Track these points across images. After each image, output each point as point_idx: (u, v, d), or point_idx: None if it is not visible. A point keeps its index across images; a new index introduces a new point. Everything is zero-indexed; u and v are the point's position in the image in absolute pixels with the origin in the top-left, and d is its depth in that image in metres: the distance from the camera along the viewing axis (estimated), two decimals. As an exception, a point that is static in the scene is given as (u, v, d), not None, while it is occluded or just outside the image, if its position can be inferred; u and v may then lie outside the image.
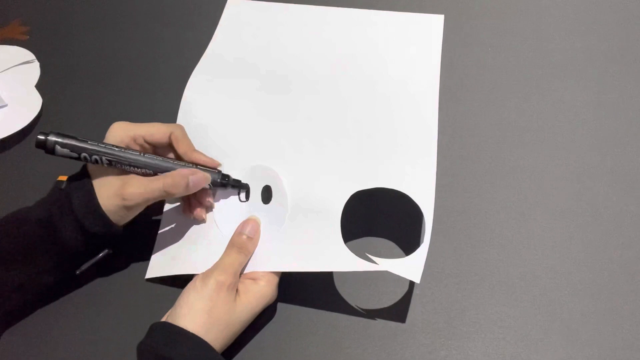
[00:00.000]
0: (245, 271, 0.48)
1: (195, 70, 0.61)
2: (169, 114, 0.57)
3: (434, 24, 0.63)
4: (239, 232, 0.48)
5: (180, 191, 0.47)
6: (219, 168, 0.51)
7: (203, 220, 0.51)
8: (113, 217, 0.47)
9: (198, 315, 0.43)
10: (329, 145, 0.53)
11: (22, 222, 0.46)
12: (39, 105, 0.63)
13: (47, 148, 0.46)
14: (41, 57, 0.67)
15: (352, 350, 0.47)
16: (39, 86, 0.65)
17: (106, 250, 0.50)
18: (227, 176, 0.51)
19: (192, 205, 0.51)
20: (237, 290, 0.46)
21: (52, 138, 0.46)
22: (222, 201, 0.52)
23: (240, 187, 0.51)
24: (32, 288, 0.47)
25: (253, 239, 0.48)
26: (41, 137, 0.45)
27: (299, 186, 0.51)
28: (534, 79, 0.61)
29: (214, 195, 0.52)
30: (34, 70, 0.66)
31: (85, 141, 0.47)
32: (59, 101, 0.65)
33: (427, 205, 0.48)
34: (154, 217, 0.54)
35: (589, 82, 0.60)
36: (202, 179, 0.48)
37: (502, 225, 0.52)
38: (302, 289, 0.50)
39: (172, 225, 0.53)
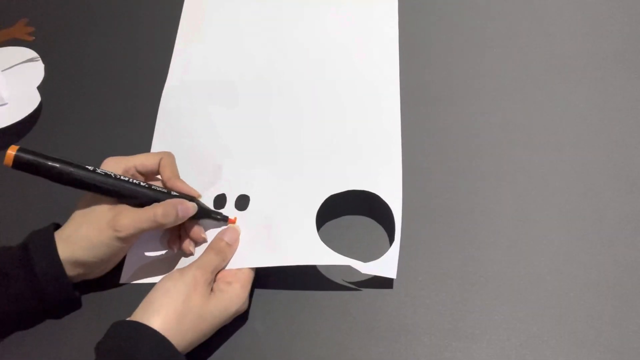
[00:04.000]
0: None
1: (168, 78, 0.63)
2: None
3: (387, 4, 0.63)
4: (219, 238, 0.49)
5: (171, 220, 0.47)
6: (201, 199, 0.52)
7: (191, 254, 0.50)
8: (106, 251, 0.47)
9: (173, 301, 0.43)
10: (298, 152, 0.55)
11: None
12: (35, 105, 0.62)
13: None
14: (46, 57, 0.67)
15: (355, 351, 0.47)
16: (43, 87, 0.65)
17: None
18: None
19: (182, 238, 0.51)
20: (212, 289, 0.46)
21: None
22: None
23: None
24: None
25: (232, 246, 0.49)
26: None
27: (273, 194, 0.52)
28: (539, 81, 0.61)
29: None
30: (38, 71, 0.66)
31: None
32: (62, 102, 0.65)
33: (395, 203, 0.50)
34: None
35: (594, 83, 0.60)
36: (190, 208, 0.49)
37: (506, 226, 0.52)
38: (303, 290, 0.50)
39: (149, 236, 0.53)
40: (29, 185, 0.58)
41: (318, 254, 0.48)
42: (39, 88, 0.64)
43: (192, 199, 0.50)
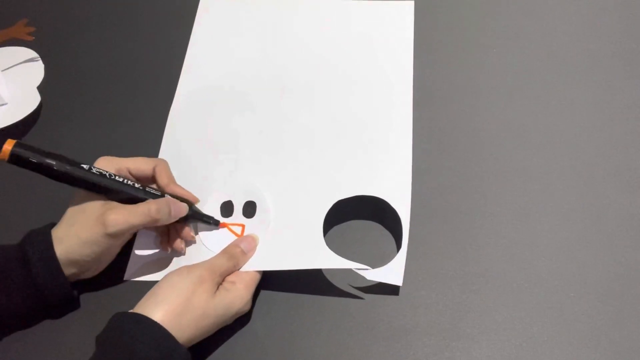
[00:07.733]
0: None
1: (180, 81, 0.62)
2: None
3: (404, 11, 0.62)
4: (235, 244, 0.49)
5: (164, 217, 0.47)
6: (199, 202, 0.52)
7: (182, 253, 0.51)
8: (96, 249, 0.46)
9: (177, 295, 0.44)
10: (308, 156, 0.55)
11: None
12: (35, 105, 0.62)
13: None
14: (46, 57, 0.67)
15: (356, 351, 0.47)
16: (43, 87, 0.64)
17: None
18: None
19: (171, 237, 0.51)
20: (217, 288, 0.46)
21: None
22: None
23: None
24: None
25: (246, 255, 0.49)
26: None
27: (281, 200, 0.52)
28: (539, 81, 0.61)
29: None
30: (38, 71, 0.66)
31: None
32: (62, 102, 0.65)
33: (403, 209, 0.50)
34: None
35: (595, 84, 0.60)
36: (182, 208, 0.49)
37: (507, 226, 0.52)
38: (305, 293, 0.50)
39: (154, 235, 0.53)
40: (26, 181, 0.58)
41: (324, 258, 0.48)
42: (39, 88, 0.64)
43: (188, 202, 0.50)
